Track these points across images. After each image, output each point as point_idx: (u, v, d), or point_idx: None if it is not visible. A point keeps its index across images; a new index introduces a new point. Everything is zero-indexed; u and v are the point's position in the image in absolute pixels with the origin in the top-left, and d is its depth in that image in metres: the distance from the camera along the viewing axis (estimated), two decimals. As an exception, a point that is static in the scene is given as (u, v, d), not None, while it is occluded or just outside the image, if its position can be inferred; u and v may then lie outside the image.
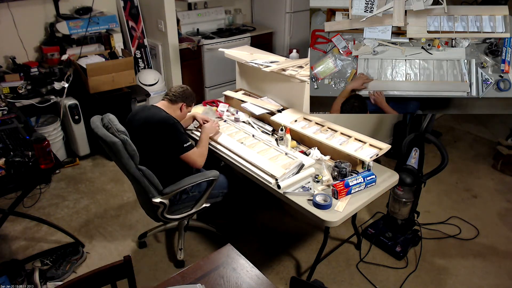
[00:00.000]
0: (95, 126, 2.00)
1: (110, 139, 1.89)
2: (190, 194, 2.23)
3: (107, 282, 1.36)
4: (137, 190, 2.23)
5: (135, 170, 1.97)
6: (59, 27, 3.38)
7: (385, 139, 3.58)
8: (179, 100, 2.25)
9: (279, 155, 2.28)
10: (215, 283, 1.38)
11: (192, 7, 4.38)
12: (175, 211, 2.22)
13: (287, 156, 2.27)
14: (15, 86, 3.08)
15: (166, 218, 2.19)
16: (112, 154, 1.98)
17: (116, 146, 1.88)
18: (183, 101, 2.26)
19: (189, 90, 2.31)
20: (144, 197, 2.11)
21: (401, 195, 2.45)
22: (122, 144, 1.89)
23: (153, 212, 2.17)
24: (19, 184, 2.03)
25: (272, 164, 2.16)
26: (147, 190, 2.03)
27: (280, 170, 2.08)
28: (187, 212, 2.25)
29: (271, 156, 2.28)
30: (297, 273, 2.43)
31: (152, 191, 2.04)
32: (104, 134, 1.93)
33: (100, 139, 1.96)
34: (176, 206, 2.21)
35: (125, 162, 1.93)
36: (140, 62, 4.01)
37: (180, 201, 2.21)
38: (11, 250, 2.56)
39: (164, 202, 2.07)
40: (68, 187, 3.21)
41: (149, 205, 2.14)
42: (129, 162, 1.94)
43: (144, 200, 2.18)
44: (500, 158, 3.47)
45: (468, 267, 2.48)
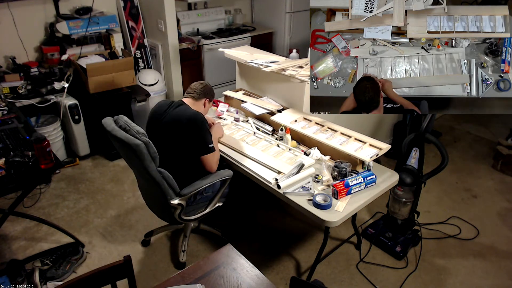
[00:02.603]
0: (111, 128, 1.96)
1: (133, 141, 1.85)
2: (204, 195, 2.23)
3: (107, 282, 1.36)
4: (153, 192, 2.18)
5: (156, 173, 1.95)
6: (59, 27, 3.38)
7: (385, 139, 3.58)
8: (202, 96, 2.28)
9: (282, 151, 2.29)
10: (215, 283, 1.38)
11: (192, 7, 4.38)
12: (189, 212, 2.22)
13: (291, 152, 2.27)
14: (15, 86, 3.08)
15: (182, 220, 2.19)
16: (133, 156, 1.93)
17: (139, 149, 1.85)
18: (206, 96, 2.30)
19: (209, 86, 2.34)
20: (160, 199, 2.08)
21: (401, 195, 2.45)
22: (145, 147, 1.87)
23: (168, 214, 2.16)
24: (19, 184, 2.02)
25: (277, 161, 2.17)
26: (165, 192, 2.02)
27: (287, 166, 2.09)
28: (201, 212, 2.25)
29: (274, 153, 2.29)
30: (297, 273, 2.43)
31: (170, 193, 2.03)
32: (126, 136, 1.88)
33: (120, 141, 1.91)
34: (191, 207, 2.21)
35: (147, 164, 1.90)
36: (140, 62, 4.01)
37: (195, 202, 2.21)
38: (11, 250, 2.56)
39: (182, 203, 2.07)
40: (68, 187, 3.21)
41: (164, 207, 2.12)
42: (151, 164, 1.92)
43: (159, 202, 2.15)
44: (500, 158, 3.47)
45: (468, 267, 2.48)
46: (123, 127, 1.95)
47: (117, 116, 2.04)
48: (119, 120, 2.00)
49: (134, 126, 1.93)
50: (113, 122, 2.01)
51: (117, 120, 2.01)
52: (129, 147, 1.87)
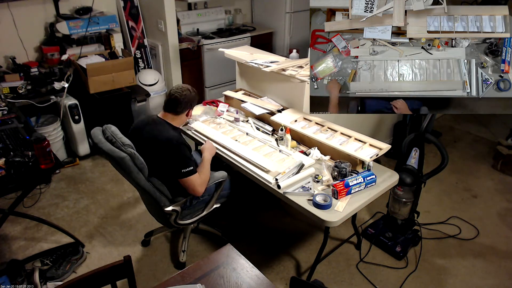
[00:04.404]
0: (98, 140, 1.93)
1: (118, 154, 1.83)
2: (201, 199, 2.22)
3: (107, 282, 1.36)
4: (147, 200, 2.18)
5: (145, 183, 1.93)
6: (59, 27, 3.38)
7: (385, 139, 3.58)
8: (185, 109, 2.15)
9: (273, 152, 2.29)
10: (215, 283, 1.38)
11: (192, 7, 4.38)
12: (186, 216, 2.21)
13: (282, 152, 2.27)
14: (15, 86, 3.08)
15: (179, 224, 2.19)
16: (120, 169, 1.92)
17: (124, 161, 1.83)
18: (190, 107, 2.17)
19: (191, 92, 2.16)
20: (155, 206, 2.08)
21: (401, 195, 2.45)
22: (131, 159, 1.84)
23: (165, 220, 2.15)
24: (19, 184, 2.02)
25: (266, 159, 2.16)
26: (158, 200, 2.00)
27: (275, 165, 2.08)
28: (198, 215, 2.25)
29: (266, 152, 2.29)
30: (297, 273, 2.43)
31: (163, 201, 2.02)
32: (111, 149, 1.85)
33: (106, 154, 1.89)
34: (187, 211, 2.20)
35: (134, 176, 1.88)
36: (140, 62, 4.01)
37: (191, 206, 2.21)
38: (11, 250, 2.56)
39: (176, 209, 2.07)
40: (68, 187, 3.21)
41: (161, 214, 2.12)
42: (139, 175, 1.89)
43: (156, 209, 2.15)
44: (500, 158, 3.47)
45: (468, 267, 2.48)
46: (109, 138, 1.92)
47: (106, 126, 2.00)
48: (107, 131, 1.97)
49: (120, 137, 1.90)
50: (101, 133, 1.98)
51: (105, 130, 1.98)
52: (114, 160, 1.85)
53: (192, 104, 2.19)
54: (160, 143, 2.00)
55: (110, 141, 1.91)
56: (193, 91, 2.17)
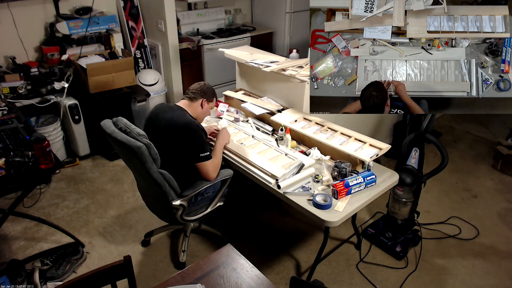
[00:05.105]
0: (111, 131, 1.94)
1: (135, 143, 1.84)
2: (205, 195, 2.24)
3: (107, 282, 1.36)
4: (154, 193, 2.17)
5: (157, 175, 1.94)
6: (59, 27, 3.38)
7: (385, 139, 3.58)
8: (198, 96, 2.23)
9: (279, 156, 2.28)
10: (215, 283, 1.38)
11: (192, 7, 4.38)
12: (190, 212, 2.22)
13: (287, 156, 2.27)
14: (15, 86, 3.08)
15: (184, 220, 2.19)
16: (133, 159, 1.92)
17: (141, 151, 1.84)
18: (203, 96, 2.24)
19: (207, 85, 2.29)
20: (162, 200, 2.08)
21: (401, 195, 2.45)
22: (147, 149, 1.86)
23: (170, 215, 2.16)
24: (19, 184, 2.02)
25: (272, 164, 2.16)
26: (167, 193, 2.02)
27: (281, 170, 2.08)
28: (202, 212, 2.26)
29: (271, 156, 2.28)
30: (297, 273, 2.43)
31: (172, 194, 2.03)
32: (127, 139, 1.87)
33: (121, 144, 1.89)
34: (192, 207, 2.21)
35: (148, 166, 1.89)
36: (140, 62, 4.01)
37: (196, 202, 2.21)
38: (11, 250, 2.56)
39: (184, 204, 2.07)
40: (68, 187, 3.21)
41: (166, 208, 2.12)
42: (153, 166, 1.91)
43: (161, 203, 2.15)
44: (500, 158, 3.47)
45: (468, 267, 2.48)
46: (123, 129, 1.93)
47: (116, 118, 2.02)
48: (119, 122, 1.98)
49: (134, 128, 1.92)
50: (112, 124, 2.00)
51: (117, 122, 1.99)
52: (130, 149, 1.86)
53: (206, 93, 2.26)
54: (179, 127, 2.05)
55: (124, 132, 1.92)
56: (206, 85, 2.31)
